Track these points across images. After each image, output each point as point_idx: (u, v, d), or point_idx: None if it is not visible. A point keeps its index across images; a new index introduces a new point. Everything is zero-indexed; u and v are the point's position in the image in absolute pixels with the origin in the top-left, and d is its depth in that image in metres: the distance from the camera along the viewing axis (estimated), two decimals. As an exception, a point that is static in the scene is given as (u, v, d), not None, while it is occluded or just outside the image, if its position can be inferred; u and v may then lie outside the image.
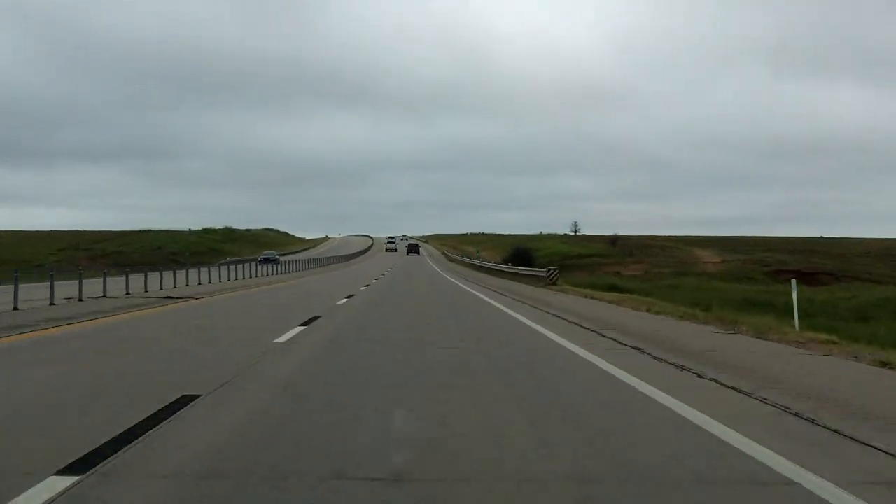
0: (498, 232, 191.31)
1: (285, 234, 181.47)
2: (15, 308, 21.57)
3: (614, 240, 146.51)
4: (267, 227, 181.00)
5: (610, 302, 26.87)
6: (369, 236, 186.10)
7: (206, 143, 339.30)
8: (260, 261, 74.31)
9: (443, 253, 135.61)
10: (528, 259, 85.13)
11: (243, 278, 50.48)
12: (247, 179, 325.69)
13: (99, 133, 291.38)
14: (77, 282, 27.10)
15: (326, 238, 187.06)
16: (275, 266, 68.32)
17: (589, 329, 16.64)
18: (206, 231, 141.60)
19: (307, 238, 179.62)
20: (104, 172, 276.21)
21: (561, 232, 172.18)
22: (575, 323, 18.29)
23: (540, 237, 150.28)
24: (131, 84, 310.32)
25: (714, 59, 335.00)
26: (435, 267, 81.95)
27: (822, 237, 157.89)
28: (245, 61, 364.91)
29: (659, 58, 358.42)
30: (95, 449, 6.03)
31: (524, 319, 19.40)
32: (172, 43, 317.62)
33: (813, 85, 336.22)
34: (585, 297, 30.89)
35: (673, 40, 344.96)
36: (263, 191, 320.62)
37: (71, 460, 5.70)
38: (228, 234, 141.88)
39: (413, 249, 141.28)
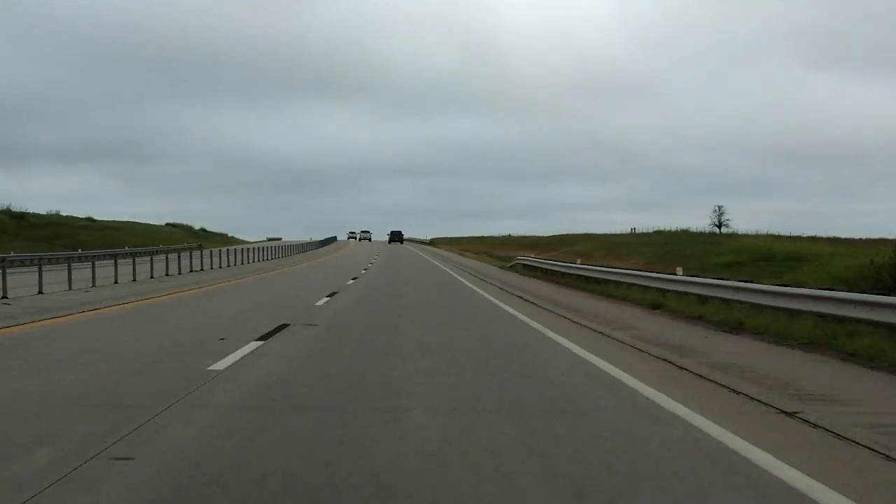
0: (526, 234, 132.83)
1: (221, 234, 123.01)
2: None
3: None
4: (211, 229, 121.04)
5: None
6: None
7: (188, 143, 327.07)
8: None
9: (513, 265, 56.68)
10: None
11: None
12: (233, 184, 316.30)
13: (73, 132, 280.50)
14: None
15: (267, 240, 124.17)
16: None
17: None
18: None
19: (251, 240, 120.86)
20: (80, 175, 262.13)
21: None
22: None
23: (632, 235, 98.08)
24: (105, 77, 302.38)
25: (740, 51, 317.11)
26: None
27: None
28: (230, 52, 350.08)
29: (681, 50, 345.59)
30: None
31: None
32: (148, 30, 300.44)
33: (845, 84, 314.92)
34: None
35: (698, 28, 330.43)
36: (251, 196, 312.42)
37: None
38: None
39: (396, 237, 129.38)
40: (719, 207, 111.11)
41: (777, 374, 10.91)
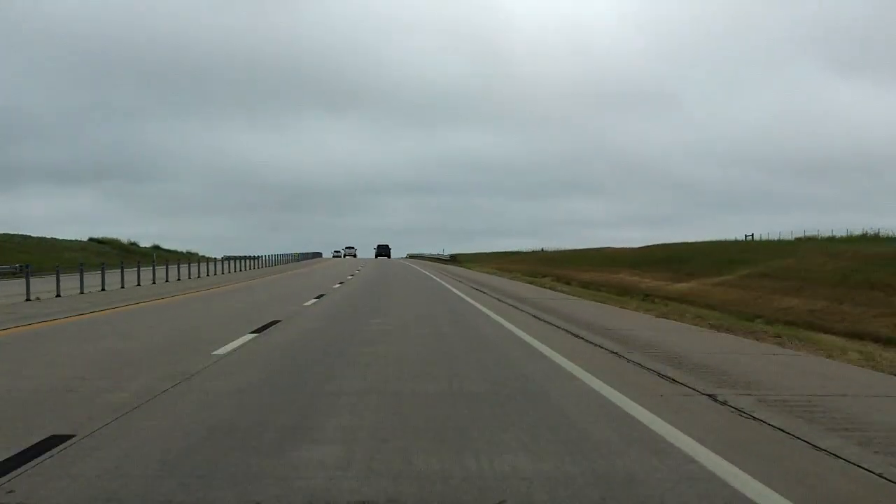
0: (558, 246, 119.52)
1: (192, 252, 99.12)
2: None
3: None
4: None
5: None
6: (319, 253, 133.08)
7: (182, 160, 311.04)
8: None
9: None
10: None
11: None
12: (229, 202, 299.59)
13: (62, 149, 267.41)
14: None
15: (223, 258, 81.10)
16: None
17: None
18: None
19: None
20: (75, 196, 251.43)
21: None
22: None
23: (759, 243, 73.59)
24: (95, 92, 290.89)
25: (759, 59, 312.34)
26: None
27: None
28: (227, 66, 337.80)
29: (696, 57, 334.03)
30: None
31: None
32: (140, 42, 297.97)
33: (870, 93, 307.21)
34: None
35: (715, 34, 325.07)
36: (249, 215, 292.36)
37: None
38: None
39: (383, 252, 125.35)
40: None
41: None
